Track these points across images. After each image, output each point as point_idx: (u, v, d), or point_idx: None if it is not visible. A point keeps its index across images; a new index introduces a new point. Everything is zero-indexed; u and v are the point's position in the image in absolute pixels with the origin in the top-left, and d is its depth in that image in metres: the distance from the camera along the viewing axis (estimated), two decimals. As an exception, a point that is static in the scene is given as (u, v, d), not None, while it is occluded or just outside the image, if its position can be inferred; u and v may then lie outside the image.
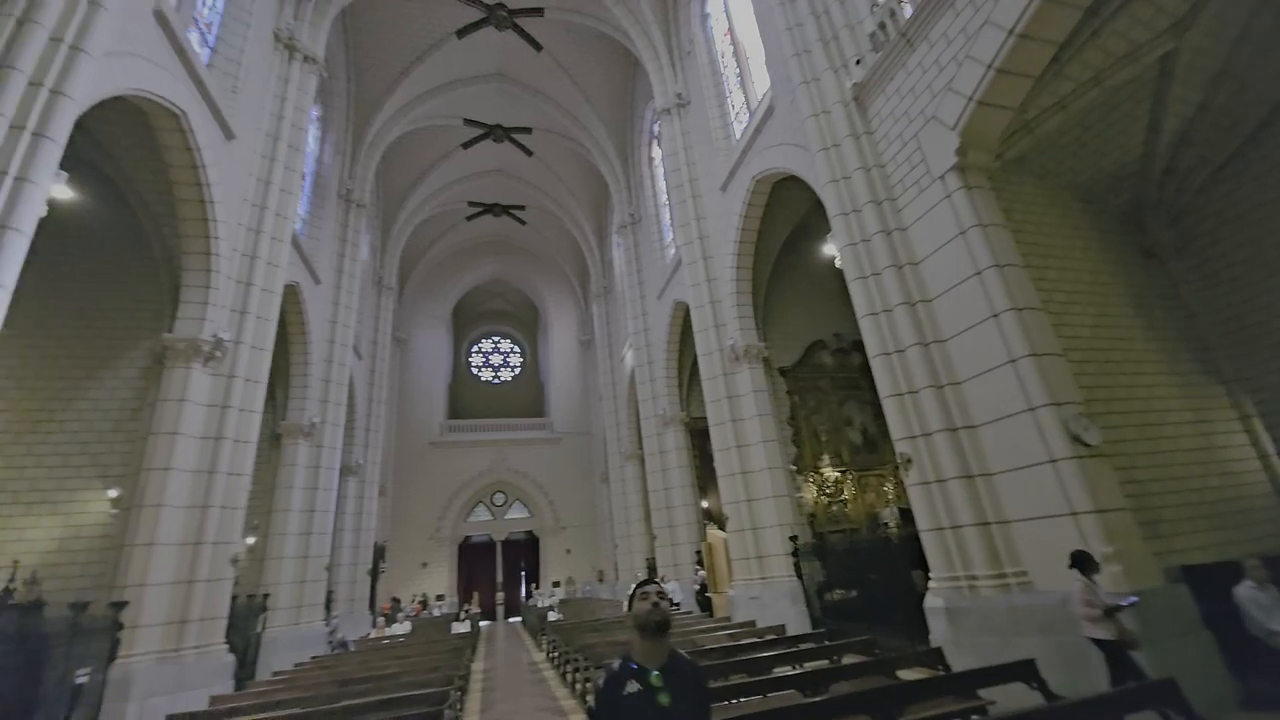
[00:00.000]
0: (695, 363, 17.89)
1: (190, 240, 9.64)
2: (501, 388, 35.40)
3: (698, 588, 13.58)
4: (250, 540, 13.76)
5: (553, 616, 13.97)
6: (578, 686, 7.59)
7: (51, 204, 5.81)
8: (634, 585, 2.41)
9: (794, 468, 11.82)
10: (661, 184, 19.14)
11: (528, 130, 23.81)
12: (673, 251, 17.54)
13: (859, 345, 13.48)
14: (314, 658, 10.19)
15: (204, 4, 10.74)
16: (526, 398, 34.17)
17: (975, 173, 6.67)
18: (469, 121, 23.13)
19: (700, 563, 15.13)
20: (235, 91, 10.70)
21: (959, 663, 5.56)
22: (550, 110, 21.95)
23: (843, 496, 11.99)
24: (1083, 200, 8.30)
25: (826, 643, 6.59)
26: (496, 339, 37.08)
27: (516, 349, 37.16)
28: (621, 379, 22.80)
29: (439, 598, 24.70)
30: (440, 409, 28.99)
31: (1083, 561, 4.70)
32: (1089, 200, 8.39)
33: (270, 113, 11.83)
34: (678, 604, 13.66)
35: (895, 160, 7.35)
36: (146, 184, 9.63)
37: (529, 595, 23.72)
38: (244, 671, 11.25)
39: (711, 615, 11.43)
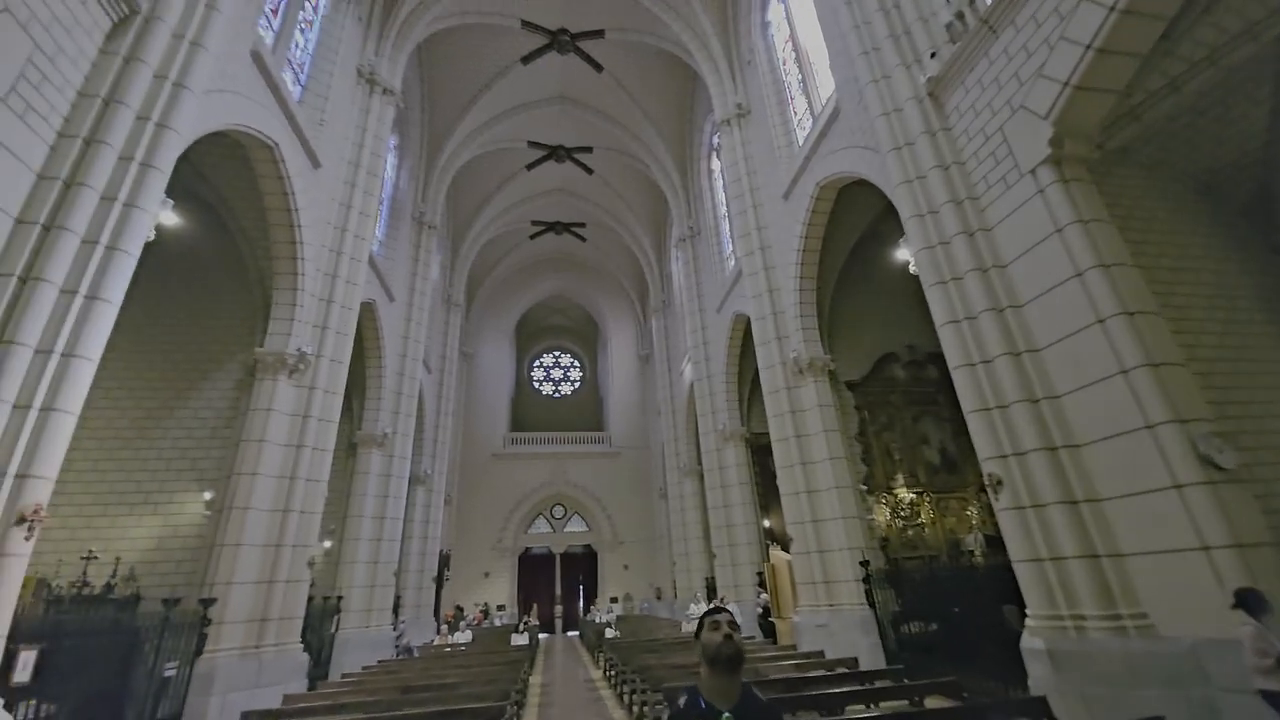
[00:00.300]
0: (756, 376, 17.43)
1: (280, 261, 10.37)
2: (561, 401, 36.03)
3: (760, 611, 12.99)
4: (327, 544, 14.50)
5: (610, 633, 13.78)
6: (635, 709, 7.35)
7: (158, 229, 6.31)
8: (703, 612, 2.19)
9: (864, 487, 11.13)
10: (721, 196, 18.96)
11: (588, 149, 24.37)
12: (732, 263, 17.25)
13: (935, 358, 12.70)
14: (380, 661, 10.48)
15: (297, 46, 11.69)
16: (586, 411, 34.57)
17: (1072, 165, 6.06)
18: (533, 144, 23.94)
19: (762, 584, 14.51)
20: (322, 124, 11.51)
21: (1067, 716, 4.90)
22: (610, 129, 22.37)
23: (919, 520, 11.14)
24: (1200, 193, 7.39)
25: (906, 681, 6.02)
26: (557, 353, 37.88)
27: (576, 363, 37.79)
28: (680, 393, 22.55)
29: (500, 607, 25.09)
30: (503, 422, 29.78)
31: (1252, 601, 3.95)
32: (1207, 193, 7.46)
33: (352, 142, 12.65)
34: (737, 627, 13.12)
35: (976, 156, 6.83)
36: (244, 211, 10.48)
37: (586, 610, 23.65)
38: (318, 670, 11.78)
39: (774, 641, 10.84)
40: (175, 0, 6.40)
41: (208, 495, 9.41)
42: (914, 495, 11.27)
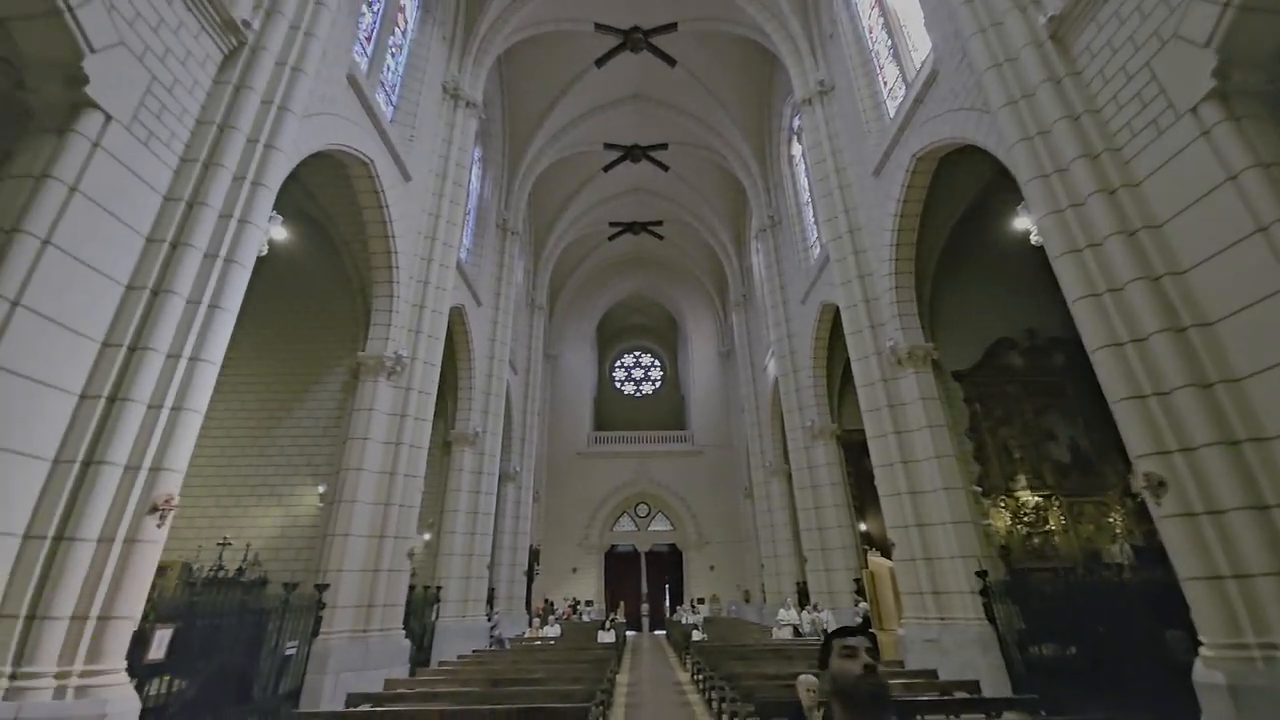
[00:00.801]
0: (846, 369, 16.37)
1: (378, 270, 11.07)
2: (643, 401, 36.17)
3: (859, 620, 12.10)
4: (426, 537, 15.35)
5: (697, 635, 13.46)
6: (723, 718, 6.99)
7: (270, 244, 6.80)
8: (831, 632, 1.78)
9: (978, 489, 9.99)
10: (803, 182, 18.05)
11: (664, 146, 24.18)
12: (817, 251, 16.33)
13: (1061, 343, 11.22)
14: (475, 651, 10.88)
15: (388, 69, 12.45)
16: (667, 410, 34.45)
17: (1244, 100, 4.96)
18: (609, 145, 24.13)
19: (860, 592, 13.55)
20: (411, 140, 12.16)
21: (1264, 772, 3.96)
22: (685, 123, 22.05)
23: (1046, 526, 9.82)
24: None
25: (1043, 714, 5.20)
26: (637, 353, 38.10)
27: (657, 362, 37.79)
28: (764, 389, 21.75)
29: (588, 603, 25.52)
30: (586, 421, 30.32)
31: None
32: None
33: (438, 155, 13.28)
34: (878, 653, 12.32)
35: (1115, 101, 5.80)
36: (346, 225, 11.27)
37: (673, 610, 23.45)
38: (421, 655, 12.43)
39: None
40: (277, 30, 6.91)
41: (320, 489, 10.18)
42: (1039, 498, 9.95)
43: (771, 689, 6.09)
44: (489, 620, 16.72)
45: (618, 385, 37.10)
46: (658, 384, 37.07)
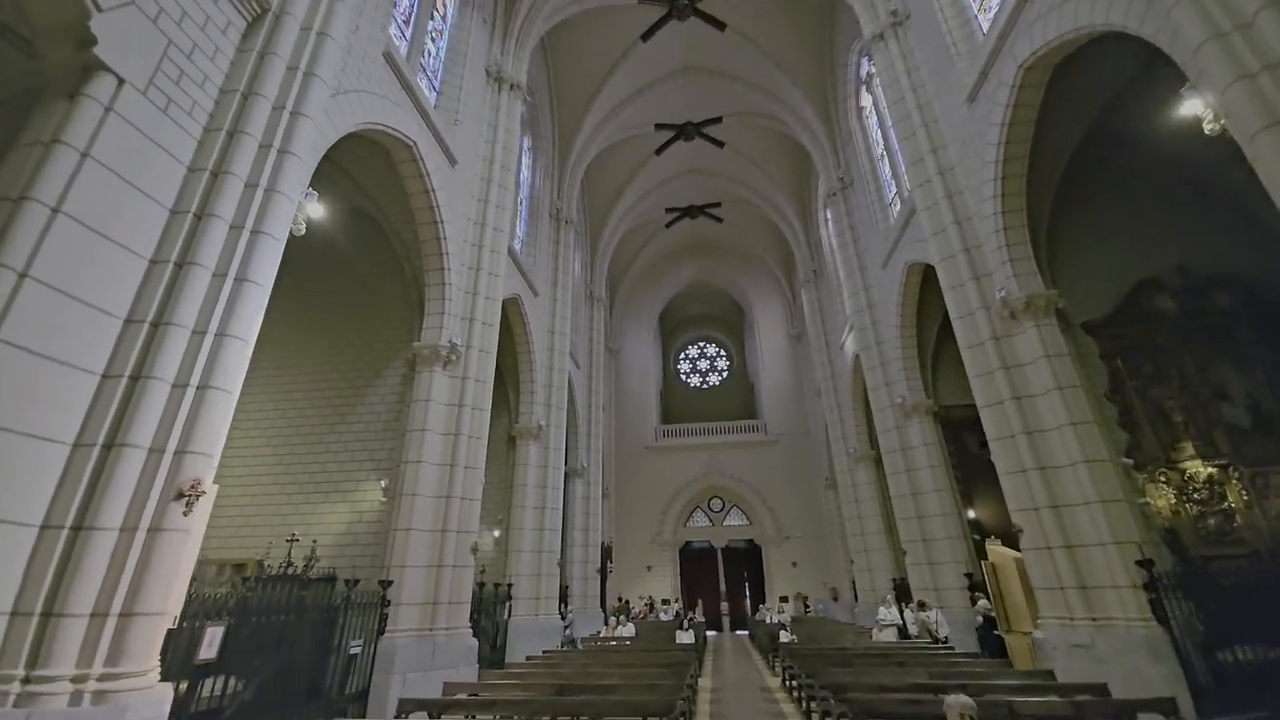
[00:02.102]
0: (941, 336, 14.57)
1: (429, 259, 10.75)
2: (710, 393, 34.96)
3: (980, 621, 10.45)
4: (496, 533, 15.08)
5: (784, 637, 12.25)
6: (829, 734, 5.90)
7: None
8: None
9: (1129, 461, 8.21)
10: (875, 134, 16.34)
11: (718, 120, 22.98)
12: (897, 208, 14.65)
13: (1223, 280, 9.17)
14: (545, 652, 10.29)
15: (429, 55, 12.17)
16: (736, 401, 33.07)
17: None
18: (660, 126, 23.23)
19: (972, 587, 11.84)
20: (456, 124, 11.80)
21: None
22: (740, 90, 20.76)
23: (1225, 504, 7.90)
24: None
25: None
26: (702, 344, 36.93)
27: (722, 352, 36.46)
28: (842, 369, 20.05)
29: (664, 601, 24.69)
30: (653, 415, 29.54)
31: None
32: None
33: (484, 139, 12.90)
34: (944, 638, 10.73)
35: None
36: (396, 215, 11.04)
37: (754, 609, 22.17)
38: (495, 654, 12.07)
39: (1008, 661, 8.46)
40: (301, -5, 6.51)
41: (383, 483, 9.94)
42: (1213, 470, 8.04)
43: (891, 705, 4.95)
44: (563, 619, 16.27)
45: (683, 378, 36.11)
46: (724, 374, 35.73)
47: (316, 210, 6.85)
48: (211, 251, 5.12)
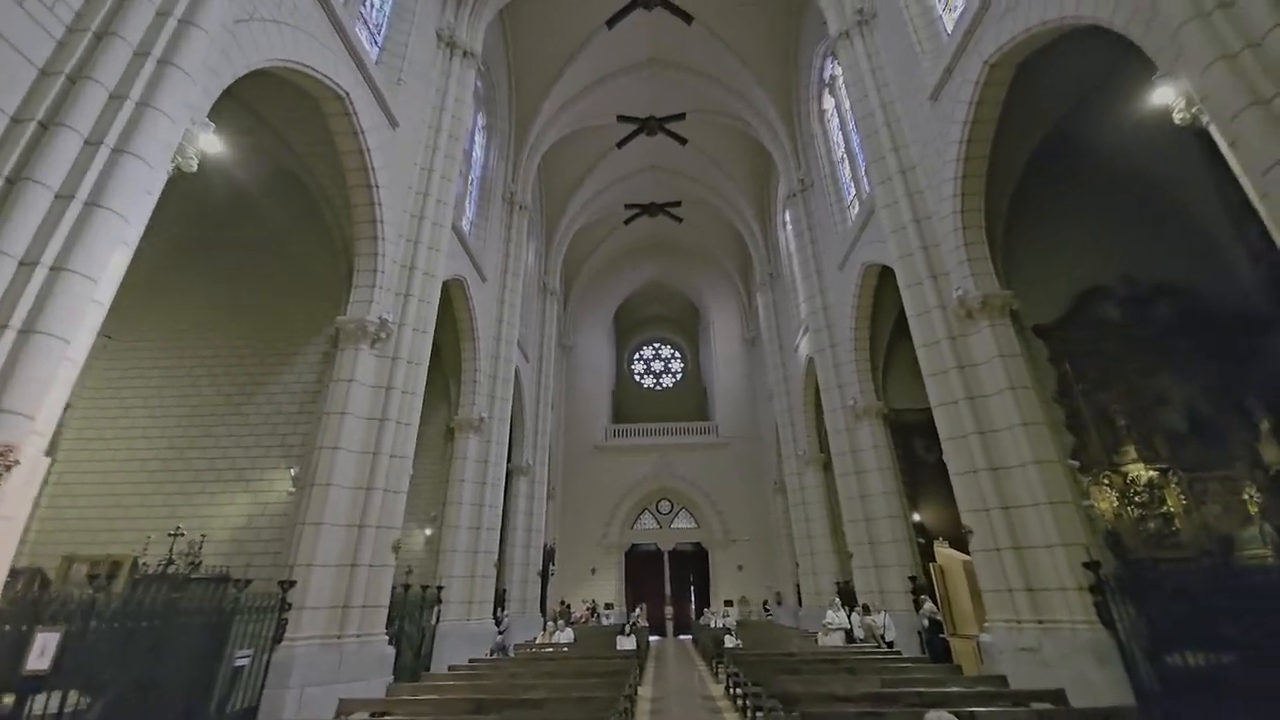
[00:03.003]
0: (892, 341, 14.62)
1: (360, 225, 9.74)
2: (663, 395, 34.58)
3: (925, 624, 10.31)
4: (428, 531, 14.01)
5: (729, 641, 11.82)
6: (779, 751, 5.41)
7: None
8: None
9: (1075, 463, 8.20)
10: (837, 137, 16.35)
11: (681, 116, 22.66)
12: (855, 210, 14.64)
13: (1166, 291, 9.37)
14: (471, 661, 9.41)
15: (370, 6, 11.14)
16: (689, 403, 32.81)
17: None
18: (622, 118, 22.72)
19: (916, 591, 11.75)
20: (400, 84, 10.84)
21: None
22: (704, 87, 20.49)
23: (1164, 508, 7.98)
24: None
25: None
26: (657, 345, 36.55)
27: (677, 354, 36.20)
28: (795, 372, 20.01)
29: (608, 606, 23.98)
30: (604, 414, 28.85)
31: None
32: None
33: (432, 105, 11.97)
34: (890, 642, 10.55)
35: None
36: (325, 175, 9.98)
37: (699, 613, 21.78)
38: (419, 662, 11.04)
39: (956, 666, 8.27)
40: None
41: (293, 471, 8.85)
42: (1154, 473, 8.11)
43: (847, 719, 4.48)
44: (498, 623, 15.32)
45: (637, 378, 35.58)
46: (678, 376, 35.45)
47: (213, 144, 5.86)
48: (55, 168, 4.15)
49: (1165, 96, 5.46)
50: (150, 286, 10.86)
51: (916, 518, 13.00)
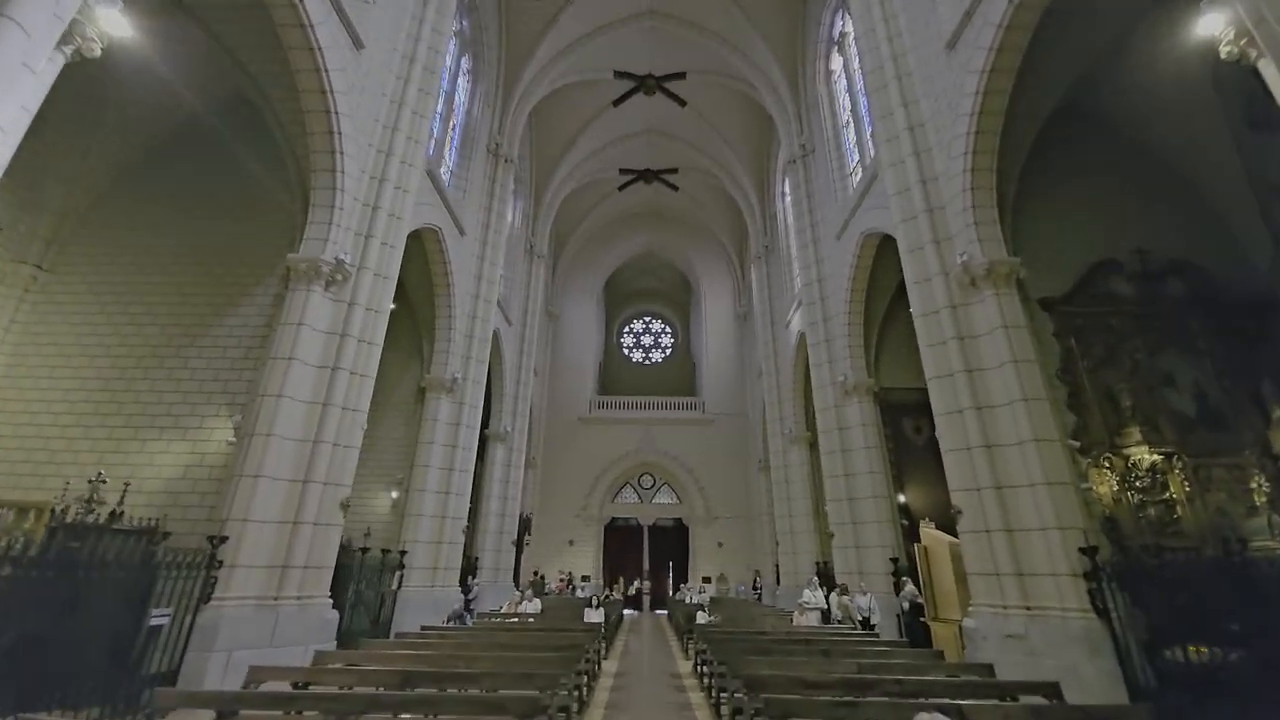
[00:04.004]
0: (887, 318, 14.02)
1: (318, 157, 8.86)
2: (652, 369, 34.00)
3: (906, 607, 9.91)
4: (394, 494, 13.42)
5: (702, 618, 11.42)
6: (739, 734, 4.92)
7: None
8: None
9: (1075, 444, 7.68)
10: (843, 100, 15.48)
11: (681, 76, 21.55)
12: (858, 177, 13.88)
13: (1179, 267, 8.79)
14: (424, 628, 8.88)
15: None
16: (677, 379, 32.26)
17: None
18: (619, 74, 21.56)
19: (897, 573, 11.38)
20: (368, 2, 9.84)
21: None
22: (707, 43, 19.38)
23: (1166, 494, 7.50)
24: None
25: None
26: (648, 319, 35.83)
27: (668, 329, 35.52)
28: (785, 349, 19.41)
29: (584, 578, 23.72)
30: (590, 385, 28.23)
31: None
32: None
33: (406, 33, 10.96)
34: (875, 625, 10.16)
35: None
36: (283, 105, 9.04)
37: (676, 589, 21.54)
38: (377, 630, 10.57)
39: (938, 651, 7.83)
40: None
41: (236, 418, 8.13)
42: (1157, 457, 7.61)
43: (817, 708, 3.94)
44: (467, 591, 14.88)
45: (625, 351, 34.93)
46: (668, 351, 34.83)
47: (119, 26, 4.98)
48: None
49: (1212, 26, 4.76)
50: (91, 215, 9.97)
51: (901, 499, 12.58)
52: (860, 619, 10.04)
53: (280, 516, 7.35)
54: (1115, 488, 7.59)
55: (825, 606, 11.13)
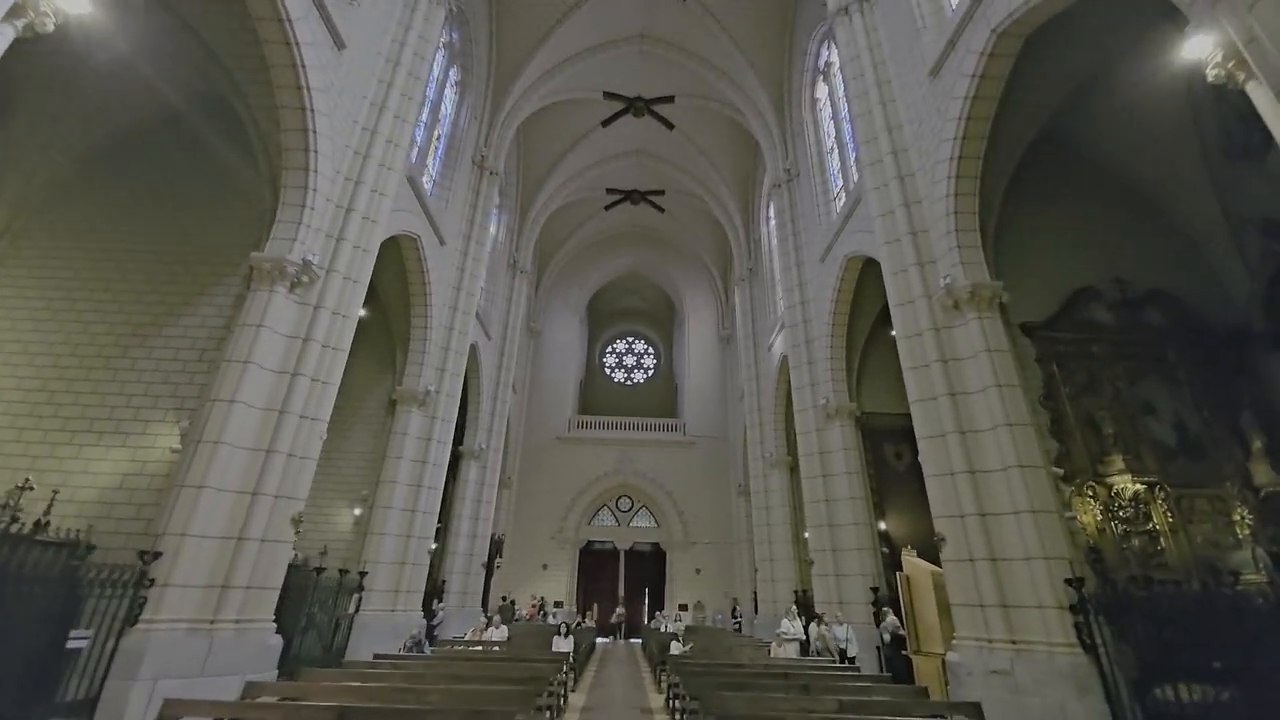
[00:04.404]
0: (869, 342, 13.98)
1: (291, 155, 8.54)
2: (634, 390, 33.65)
3: (886, 639, 9.56)
4: (357, 511, 12.78)
5: (676, 648, 10.93)
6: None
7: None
8: None
9: (1059, 471, 7.53)
10: (827, 127, 15.69)
11: (670, 99, 21.79)
12: (841, 203, 13.96)
13: (1158, 297, 8.83)
14: (376, 656, 8.27)
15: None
16: (659, 401, 31.92)
17: None
18: (609, 94, 21.72)
19: (876, 604, 11.05)
20: (352, 3, 9.68)
21: None
22: (695, 68, 19.65)
23: (1150, 525, 7.36)
24: None
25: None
26: (631, 339, 35.60)
27: (650, 350, 35.29)
28: (767, 372, 19.29)
29: (557, 604, 22.90)
30: (570, 404, 27.75)
31: None
32: None
33: (392, 38, 10.82)
34: (852, 657, 9.77)
35: None
36: (258, 102, 8.75)
37: (652, 616, 20.87)
38: (331, 656, 9.90)
39: (922, 688, 7.49)
40: None
41: (183, 424, 7.60)
42: (1140, 486, 7.49)
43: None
44: (432, 616, 14.15)
45: (607, 372, 34.56)
46: (650, 373, 34.53)
47: (76, 3, 4.68)
48: None
49: (1198, 49, 4.76)
50: (47, 209, 9.47)
51: (882, 526, 12.33)
52: (846, 652, 9.63)
53: (223, 532, 6.81)
54: (1099, 517, 7.43)
55: (804, 637, 10.72)
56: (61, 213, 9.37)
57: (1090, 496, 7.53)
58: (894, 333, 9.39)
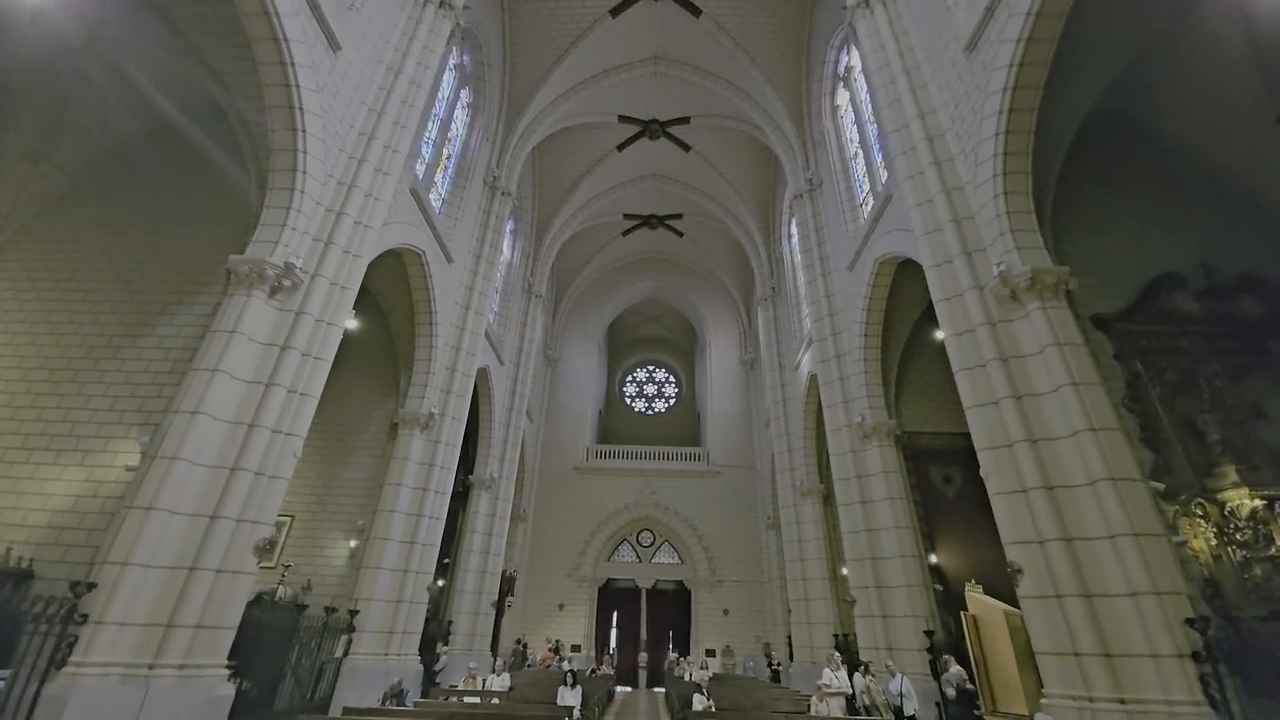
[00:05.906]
0: (906, 353, 12.77)
1: (278, 155, 8.11)
2: (655, 419, 32.56)
3: (951, 693, 8.00)
4: (352, 543, 11.89)
5: (699, 701, 9.54)
6: None
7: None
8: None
9: (1159, 485, 6.20)
10: (849, 133, 14.94)
11: (685, 120, 21.49)
12: (869, 206, 13.03)
13: (1253, 283, 7.56)
14: (347, 710, 7.17)
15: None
16: (680, 430, 30.70)
17: None
18: (624, 118, 21.56)
19: (933, 649, 9.51)
20: (351, 9, 9.42)
21: None
22: (710, 86, 19.32)
23: (1273, 550, 5.94)
24: None
25: None
26: (651, 368, 34.72)
27: (672, 378, 34.30)
28: (795, 394, 18.07)
29: (574, 648, 21.35)
30: (588, 434, 26.74)
31: None
32: None
33: (395, 47, 10.56)
34: (911, 716, 8.16)
35: None
36: (248, 105, 8.41)
37: (676, 662, 19.16)
38: (312, 706, 8.86)
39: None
40: None
41: (144, 440, 6.89)
42: (1259, 503, 6.10)
43: None
44: (435, 661, 13.00)
45: (628, 401, 33.61)
46: (672, 401, 33.46)
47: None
48: None
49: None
50: (35, 221, 9.19)
51: (933, 560, 10.85)
52: (905, 710, 8.01)
53: (173, 560, 5.97)
54: (1212, 541, 6.05)
55: (850, 691, 9.22)
56: (50, 226, 9.06)
57: (1200, 516, 6.16)
58: (939, 334, 8.30)
